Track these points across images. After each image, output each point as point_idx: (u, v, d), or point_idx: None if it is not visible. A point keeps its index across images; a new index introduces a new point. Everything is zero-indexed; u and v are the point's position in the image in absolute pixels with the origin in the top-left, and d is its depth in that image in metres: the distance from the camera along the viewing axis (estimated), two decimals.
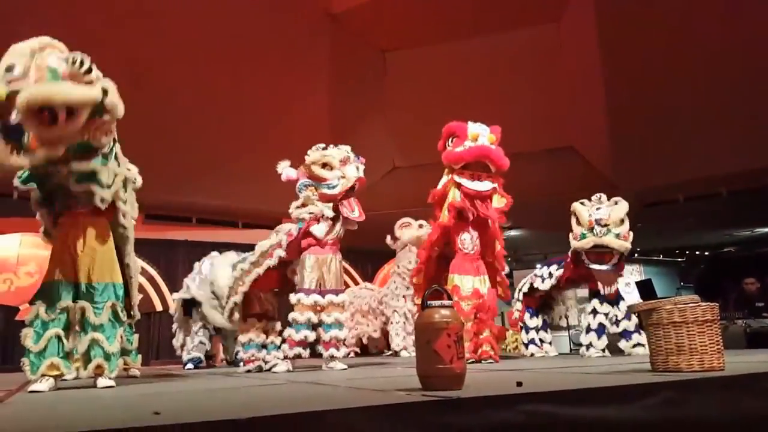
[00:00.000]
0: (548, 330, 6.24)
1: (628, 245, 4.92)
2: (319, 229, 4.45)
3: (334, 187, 4.52)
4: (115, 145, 3.17)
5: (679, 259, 16.18)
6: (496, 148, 5.00)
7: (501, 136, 5.16)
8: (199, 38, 8.20)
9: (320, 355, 4.43)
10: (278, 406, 1.73)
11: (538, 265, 6.27)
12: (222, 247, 10.29)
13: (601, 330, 5.14)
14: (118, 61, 7.80)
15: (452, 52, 9.71)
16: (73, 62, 2.46)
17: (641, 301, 6.51)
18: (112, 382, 2.99)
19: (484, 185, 4.89)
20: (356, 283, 10.93)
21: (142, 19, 7.70)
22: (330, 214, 4.49)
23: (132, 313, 3.66)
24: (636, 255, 14.11)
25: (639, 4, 7.98)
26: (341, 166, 4.64)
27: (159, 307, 9.30)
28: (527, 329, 6.09)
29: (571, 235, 5.22)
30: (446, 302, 2.04)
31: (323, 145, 4.90)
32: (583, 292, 5.85)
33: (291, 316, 4.28)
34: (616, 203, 5.16)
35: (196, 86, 8.45)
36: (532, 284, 6.07)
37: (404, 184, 10.73)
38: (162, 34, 7.93)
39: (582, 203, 5.30)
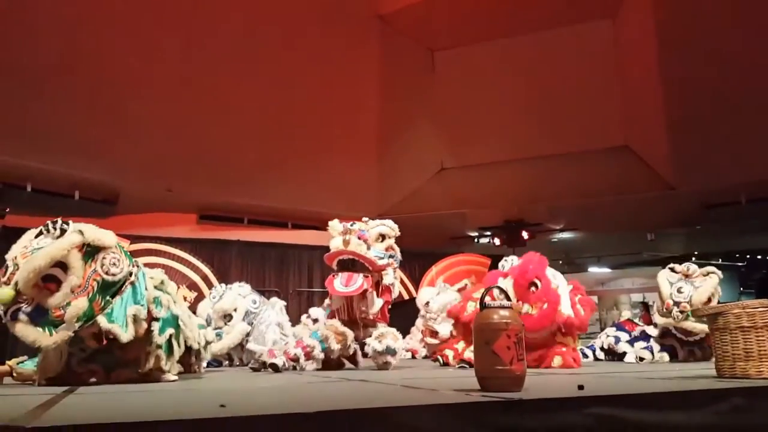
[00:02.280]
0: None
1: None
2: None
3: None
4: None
5: (740, 264, 15.48)
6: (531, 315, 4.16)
7: (530, 276, 4.25)
8: (250, 42, 8.39)
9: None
10: (340, 403, 1.76)
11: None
12: (272, 247, 10.59)
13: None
14: (170, 67, 8.12)
15: (502, 50, 9.58)
16: (48, 230, 2.69)
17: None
18: (175, 377, 3.09)
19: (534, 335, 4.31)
20: (403, 285, 10.92)
21: (195, 23, 7.94)
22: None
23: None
24: (693, 259, 13.58)
25: None
26: (339, 234, 4.65)
27: None
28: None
29: (656, 305, 5.13)
30: (505, 302, 2.02)
31: (366, 220, 4.91)
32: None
33: (317, 326, 4.57)
34: (708, 275, 4.91)
35: (248, 90, 8.65)
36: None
37: (452, 185, 10.68)
38: (214, 39, 8.15)
39: (672, 269, 5.07)
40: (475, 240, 12.49)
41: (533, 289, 4.15)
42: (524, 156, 9.87)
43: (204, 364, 4.06)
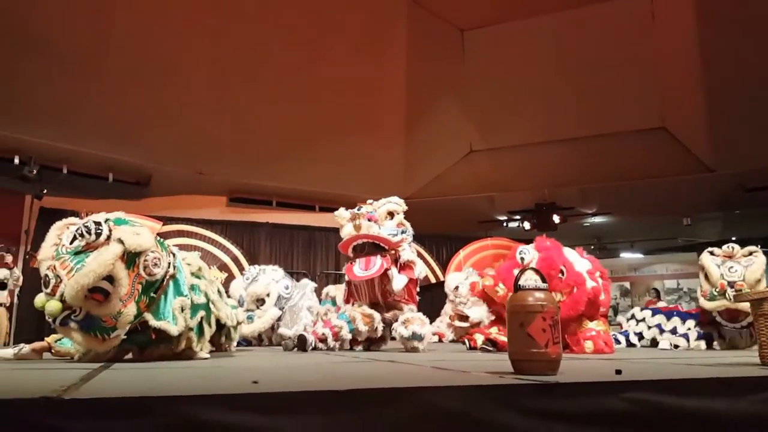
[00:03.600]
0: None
1: None
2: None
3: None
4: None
5: None
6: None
7: (554, 266, 4.11)
8: (278, 22, 8.37)
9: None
10: (371, 381, 1.74)
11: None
12: (300, 230, 10.66)
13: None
14: (201, 52, 8.16)
15: (534, 29, 9.37)
16: (82, 234, 2.65)
17: None
18: (207, 354, 3.13)
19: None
20: (430, 269, 10.86)
21: (225, 5, 7.95)
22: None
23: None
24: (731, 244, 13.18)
25: None
26: (348, 221, 4.69)
27: None
28: (637, 321, 5.61)
29: (699, 290, 4.93)
30: (541, 284, 1.97)
31: (371, 202, 4.93)
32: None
33: (345, 307, 4.61)
34: (751, 255, 4.78)
35: (277, 71, 8.66)
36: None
37: (481, 168, 10.54)
38: (244, 22, 8.16)
39: (711, 253, 4.94)
40: (504, 224, 12.32)
41: (560, 276, 4.07)
42: (556, 138, 9.67)
43: (234, 343, 4.10)
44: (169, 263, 2.93)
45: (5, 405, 1.15)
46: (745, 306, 4.40)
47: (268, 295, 5.86)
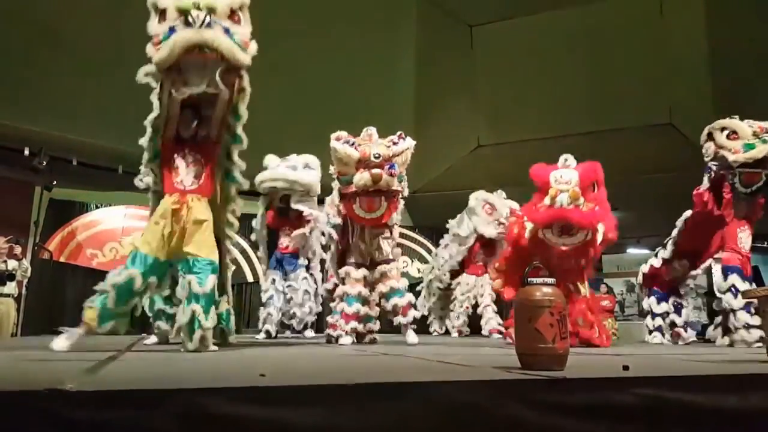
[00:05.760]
0: (682, 313, 5.66)
1: None
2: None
3: (346, 183, 4.33)
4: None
5: None
6: (584, 203, 4.25)
7: (595, 175, 4.44)
8: (286, 16, 8.34)
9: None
10: (378, 375, 1.75)
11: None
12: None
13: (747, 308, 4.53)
14: None
15: (542, 24, 9.32)
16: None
17: None
18: (214, 347, 3.14)
19: (573, 240, 4.25)
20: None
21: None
22: (333, 221, 4.52)
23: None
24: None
25: None
26: (358, 167, 4.26)
27: (250, 278, 9.73)
28: (653, 315, 5.69)
29: (721, 152, 4.87)
30: (549, 279, 1.96)
31: (372, 130, 4.64)
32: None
33: (342, 289, 4.35)
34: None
35: (286, 66, 8.64)
36: (652, 265, 5.73)
37: (489, 162, 10.51)
38: (257, 14, 8.13)
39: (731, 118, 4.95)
40: None
41: (593, 190, 4.30)
42: (563, 133, 9.62)
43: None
44: None
45: (13, 397, 1.16)
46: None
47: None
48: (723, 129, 4.96)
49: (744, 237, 4.94)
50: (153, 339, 4.03)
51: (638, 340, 6.43)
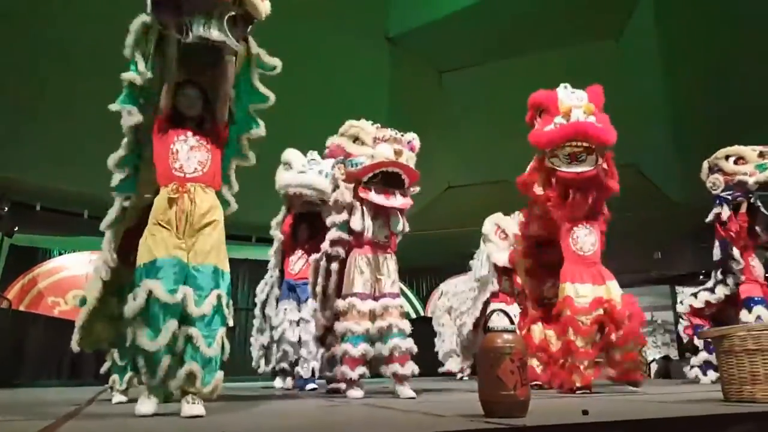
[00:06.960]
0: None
1: None
2: (356, 222, 3.84)
3: (356, 165, 3.88)
4: None
5: None
6: (596, 121, 4.00)
7: (602, 99, 4.29)
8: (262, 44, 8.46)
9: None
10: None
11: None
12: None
13: None
14: None
15: (508, 70, 9.63)
16: None
17: None
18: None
19: (585, 167, 3.98)
20: (411, 304, 10.89)
21: None
22: (347, 198, 3.87)
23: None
24: (702, 277, 13.44)
25: (701, 18, 7.68)
26: (375, 143, 3.99)
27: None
28: (697, 350, 5.35)
29: (737, 178, 4.91)
30: (509, 326, 2.01)
31: (370, 122, 4.26)
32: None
33: (345, 326, 3.63)
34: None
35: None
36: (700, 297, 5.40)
37: (459, 203, 10.69)
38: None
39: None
40: None
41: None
42: None
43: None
44: None
45: None
46: None
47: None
48: (728, 157, 4.99)
49: (757, 265, 4.94)
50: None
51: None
